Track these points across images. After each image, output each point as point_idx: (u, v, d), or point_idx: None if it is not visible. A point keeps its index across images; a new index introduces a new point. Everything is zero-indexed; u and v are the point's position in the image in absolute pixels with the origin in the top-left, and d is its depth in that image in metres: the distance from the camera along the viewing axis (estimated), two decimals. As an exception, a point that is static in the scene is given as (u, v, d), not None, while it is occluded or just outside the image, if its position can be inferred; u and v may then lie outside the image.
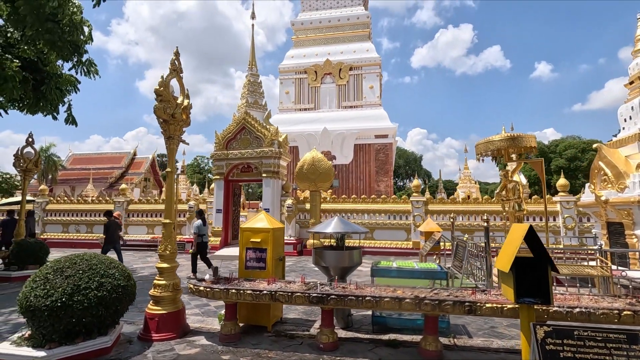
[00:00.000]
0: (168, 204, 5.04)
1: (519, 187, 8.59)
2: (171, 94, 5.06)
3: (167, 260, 4.91)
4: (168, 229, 4.95)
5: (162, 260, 4.93)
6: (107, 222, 10.19)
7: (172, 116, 4.99)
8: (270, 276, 5.01)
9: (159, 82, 4.89)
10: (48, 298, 3.71)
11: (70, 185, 43.46)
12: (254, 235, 5.19)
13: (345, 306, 4.20)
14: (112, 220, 10.30)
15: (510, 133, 8.44)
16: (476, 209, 13.30)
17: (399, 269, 5.03)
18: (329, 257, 5.22)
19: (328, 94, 32.61)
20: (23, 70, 8.42)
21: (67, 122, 10.06)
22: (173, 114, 4.98)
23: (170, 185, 5.09)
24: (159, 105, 4.85)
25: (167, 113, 4.92)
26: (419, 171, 79.86)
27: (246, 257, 5.19)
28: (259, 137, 14.61)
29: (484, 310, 3.78)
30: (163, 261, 4.91)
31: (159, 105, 4.84)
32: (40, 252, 9.08)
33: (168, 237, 4.94)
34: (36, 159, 10.14)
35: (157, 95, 4.85)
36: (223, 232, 14.66)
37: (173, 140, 5.08)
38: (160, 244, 4.96)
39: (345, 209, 14.32)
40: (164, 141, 5.10)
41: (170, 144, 5.08)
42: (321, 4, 35.73)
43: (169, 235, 4.95)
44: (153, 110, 4.86)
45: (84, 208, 16.74)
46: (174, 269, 4.97)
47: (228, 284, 4.69)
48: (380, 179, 30.62)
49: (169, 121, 4.98)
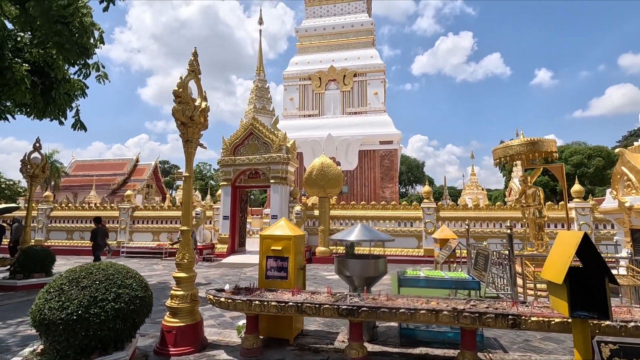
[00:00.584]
0: (186, 210, 4.82)
1: (539, 193, 8.34)
2: (189, 95, 4.87)
3: (185, 270, 4.68)
4: (186, 237, 4.73)
5: (179, 269, 4.69)
6: (94, 229, 10.18)
7: (191, 119, 4.79)
8: (292, 286, 4.77)
9: (177, 83, 4.70)
10: (63, 311, 3.47)
11: (72, 192, 43.35)
12: (275, 243, 4.96)
13: (378, 319, 3.95)
14: (99, 227, 10.24)
15: (529, 137, 8.23)
16: (489, 216, 13.04)
17: (427, 279, 4.78)
18: (353, 266, 4.97)
19: (332, 100, 32.52)
20: (32, 75, 8.29)
21: (74, 127, 9.91)
22: (191, 116, 4.79)
23: (188, 190, 4.87)
24: (178, 107, 4.65)
25: (186, 115, 4.72)
26: (422, 178, 79.62)
27: (266, 266, 4.95)
28: (267, 143, 14.44)
29: (529, 324, 3.53)
30: (180, 270, 4.68)
31: (177, 107, 4.65)
32: (46, 260, 8.84)
33: (186, 244, 4.71)
34: (43, 165, 9.96)
35: (176, 97, 4.65)
36: (230, 239, 14.41)
37: (191, 143, 4.88)
38: (177, 252, 4.73)
39: (355, 216, 14.07)
40: (166, 148, 4.95)
41: (188, 147, 4.87)
42: (325, 11, 35.85)
43: (186, 243, 4.72)
44: (172, 112, 4.66)
45: (88, 214, 16.50)
46: (192, 279, 4.73)
47: (250, 294, 4.44)
48: (386, 186, 30.37)
49: (188, 124, 4.78)
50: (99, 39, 7.57)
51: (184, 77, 4.82)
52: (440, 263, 8.86)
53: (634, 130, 57.30)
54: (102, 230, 10.34)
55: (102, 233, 10.31)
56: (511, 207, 13.10)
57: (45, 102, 9.66)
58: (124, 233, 15.77)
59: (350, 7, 35.75)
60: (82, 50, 7.53)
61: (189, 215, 4.82)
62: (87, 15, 7.41)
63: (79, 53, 7.51)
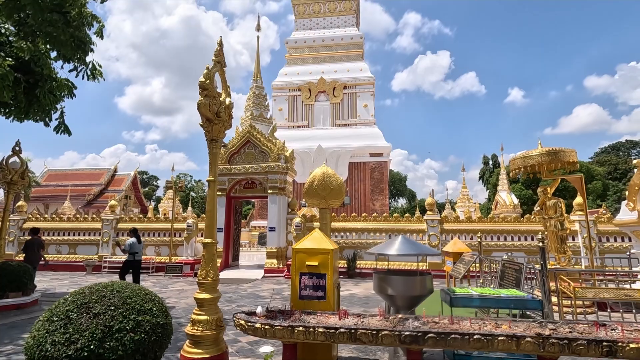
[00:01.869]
0: (209, 220, 4.16)
1: (560, 204, 8.10)
2: (215, 89, 4.29)
3: (209, 290, 3.99)
4: (210, 251, 4.06)
5: (201, 289, 4.00)
6: (28, 240, 9.28)
7: (217, 115, 4.20)
8: (331, 307, 4.17)
9: (204, 74, 4.11)
10: (71, 345, 2.75)
11: (43, 203, 40.92)
12: (310, 258, 4.35)
13: (447, 347, 3.40)
14: (35, 239, 9.35)
15: (550, 147, 8.01)
16: (494, 228, 12.80)
17: (482, 298, 4.28)
18: (396, 284, 4.42)
19: (322, 112, 32.29)
20: (15, 71, 7.46)
21: (58, 130, 9.05)
22: (217, 112, 4.19)
23: (212, 197, 4.23)
24: (204, 101, 4.05)
25: (212, 111, 4.13)
26: (404, 191, 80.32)
27: (300, 284, 4.32)
28: (264, 152, 13.83)
29: (627, 351, 3.07)
30: (203, 290, 3.99)
31: (204, 101, 4.05)
32: (24, 278, 7.81)
33: (210, 260, 4.04)
34: (22, 171, 8.98)
35: (202, 89, 4.05)
36: (224, 252, 13.57)
37: (217, 143, 4.27)
38: (200, 269, 4.05)
39: (357, 228, 13.56)
40: (144, 158, 4.28)
41: (213, 147, 4.26)
42: (315, 24, 35.93)
43: (210, 259, 4.05)
44: (197, 106, 4.05)
45: (66, 226, 15.26)
46: (216, 300, 4.04)
47: (289, 319, 3.80)
48: (376, 198, 30.10)
49: (213, 120, 4.18)
50: (97, 32, 6.84)
51: (210, 67, 4.23)
52: (459, 278, 8.41)
53: (604, 147, 60.55)
54: (37, 242, 9.38)
55: (37, 245, 9.35)
56: (516, 220, 12.95)
57: (28, 102, 8.76)
58: (107, 246, 14.59)
59: (340, 21, 36.01)
60: (79, 44, 6.78)
61: (214, 226, 4.16)
62: (84, 6, 6.72)
63: (75, 47, 6.76)
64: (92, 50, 7.19)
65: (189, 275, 12.84)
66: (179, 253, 14.19)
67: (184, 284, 11.32)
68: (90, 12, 6.60)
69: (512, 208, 30.16)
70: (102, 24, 6.81)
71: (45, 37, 6.54)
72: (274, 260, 13.02)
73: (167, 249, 14.36)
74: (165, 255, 14.24)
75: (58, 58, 7.45)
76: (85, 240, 14.85)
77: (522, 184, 38.51)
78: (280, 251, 13.24)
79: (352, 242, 13.42)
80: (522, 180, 38.39)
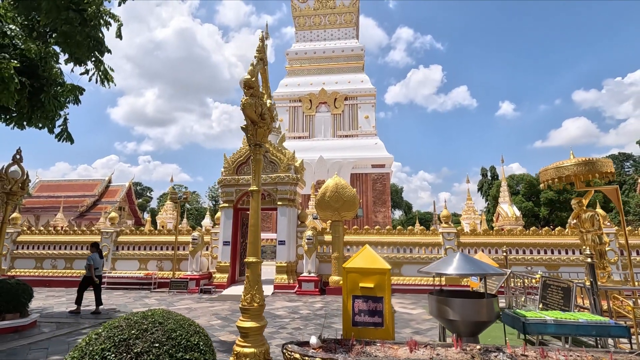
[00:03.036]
0: (254, 234, 3.65)
1: (598, 217, 7.72)
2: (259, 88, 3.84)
3: (255, 317, 3.46)
4: (254, 271, 3.54)
5: (246, 316, 3.47)
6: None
7: (261, 117, 3.74)
8: (390, 336, 3.67)
9: (248, 71, 3.67)
10: (111, 395, 2.21)
11: (34, 214, 39.78)
12: (364, 279, 3.85)
13: (547, 387, 2.91)
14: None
15: (585, 157, 7.68)
16: (512, 241, 12.38)
17: (558, 323, 3.81)
18: (460, 308, 3.93)
19: (323, 123, 32.03)
20: (19, 74, 6.96)
21: (60, 138, 8.53)
22: (262, 113, 3.74)
23: (256, 209, 3.73)
24: (250, 100, 3.59)
25: (257, 112, 3.67)
26: (400, 202, 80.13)
27: (354, 309, 3.81)
28: (273, 162, 13.36)
29: None
30: (248, 318, 3.45)
31: (249, 100, 3.59)
32: (22, 297, 7.13)
33: (255, 282, 3.51)
34: (23, 180, 8.37)
35: (247, 88, 3.60)
36: (231, 267, 12.92)
37: (260, 148, 3.80)
38: (244, 293, 3.52)
39: (370, 241, 13.02)
40: (137, 170, 3.83)
41: (256, 153, 3.78)
42: (315, 36, 35.99)
43: (255, 280, 3.53)
44: (241, 107, 3.59)
45: (62, 240, 14.49)
46: (262, 330, 3.50)
47: (350, 351, 3.28)
48: (378, 210, 29.67)
49: (258, 123, 3.72)
50: (117, 32, 6.38)
51: (254, 64, 3.79)
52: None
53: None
54: None
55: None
56: (534, 233, 12.55)
57: (32, 107, 8.22)
58: (106, 261, 13.81)
59: (340, 33, 36.13)
60: (95, 44, 6.31)
61: (258, 243, 3.65)
62: (101, 3, 6.28)
63: (92, 48, 6.29)
64: (109, 51, 6.72)
65: (194, 291, 12.15)
66: (183, 267, 13.51)
67: (190, 301, 10.64)
68: (108, 10, 6.17)
69: (514, 220, 29.89)
70: (121, 22, 6.36)
71: (60, 37, 6.05)
72: (284, 275, 12.41)
73: (169, 263, 13.66)
74: (168, 270, 13.54)
75: (69, 60, 6.96)
76: (84, 255, 14.07)
77: (523, 196, 38.44)
78: (291, 266, 12.65)
79: (365, 256, 12.87)
80: (522, 193, 38.36)
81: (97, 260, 8.93)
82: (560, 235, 12.35)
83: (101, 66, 7.35)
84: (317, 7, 35.74)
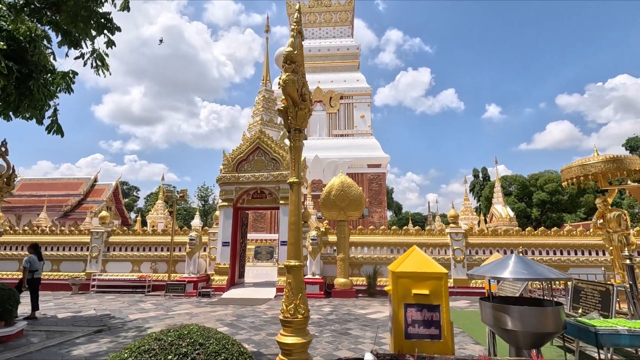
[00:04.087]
0: (294, 235, 3.14)
1: (624, 216, 7.43)
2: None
3: (298, 331, 2.94)
4: (297, 276, 3.03)
5: (288, 330, 2.95)
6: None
7: (302, 97, 3.23)
8: (449, 349, 3.20)
9: (289, 43, 3.16)
10: None
11: (15, 214, 38.17)
12: (417, 285, 3.37)
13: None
14: None
15: (610, 154, 7.39)
16: (520, 242, 12.10)
17: (632, 334, 3.40)
18: (521, 317, 3.48)
19: (318, 122, 31.54)
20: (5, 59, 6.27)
21: (49, 130, 7.80)
22: (302, 93, 3.23)
23: (296, 203, 3.23)
24: (292, 77, 3.08)
25: (299, 92, 3.16)
26: (391, 203, 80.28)
27: (406, 319, 3.33)
28: (275, 159, 12.80)
29: None
30: (291, 332, 2.93)
31: (291, 77, 3.08)
32: (8, 303, 6.43)
33: (298, 290, 3.00)
34: (9, 175, 7.64)
35: (290, 62, 3.10)
36: (230, 269, 12.31)
37: (300, 134, 3.29)
38: (285, 302, 3.00)
39: (375, 242, 12.61)
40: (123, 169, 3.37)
41: (296, 140, 3.28)
42: (310, 34, 35.48)
43: (298, 288, 3.01)
44: (282, 85, 3.08)
45: (49, 240, 13.61)
46: (307, 346, 2.98)
47: (416, 371, 2.79)
48: (374, 210, 29.32)
49: (299, 105, 3.21)
50: (123, 5, 5.75)
51: (294, 38, 3.28)
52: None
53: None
54: None
55: None
56: (543, 233, 12.31)
57: (19, 96, 7.48)
58: (96, 262, 13.04)
59: (336, 32, 35.75)
60: (103, 22, 5.68)
61: (299, 243, 3.15)
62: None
63: (101, 25, 5.65)
64: (119, 28, 6.09)
65: (192, 294, 11.50)
66: (178, 270, 12.82)
67: (189, 305, 10.01)
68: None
69: (508, 221, 30.00)
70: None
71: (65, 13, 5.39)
72: (287, 277, 11.85)
73: (164, 265, 12.96)
74: (163, 272, 12.83)
75: (63, 43, 6.29)
76: (72, 256, 13.26)
77: (515, 197, 38.68)
78: (294, 267, 12.10)
79: (371, 258, 12.43)
80: (515, 194, 38.59)
81: (35, 262, 8.38)
82: (569, 236, 12.14)
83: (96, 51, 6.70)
84: (313, 5, 35.26)
